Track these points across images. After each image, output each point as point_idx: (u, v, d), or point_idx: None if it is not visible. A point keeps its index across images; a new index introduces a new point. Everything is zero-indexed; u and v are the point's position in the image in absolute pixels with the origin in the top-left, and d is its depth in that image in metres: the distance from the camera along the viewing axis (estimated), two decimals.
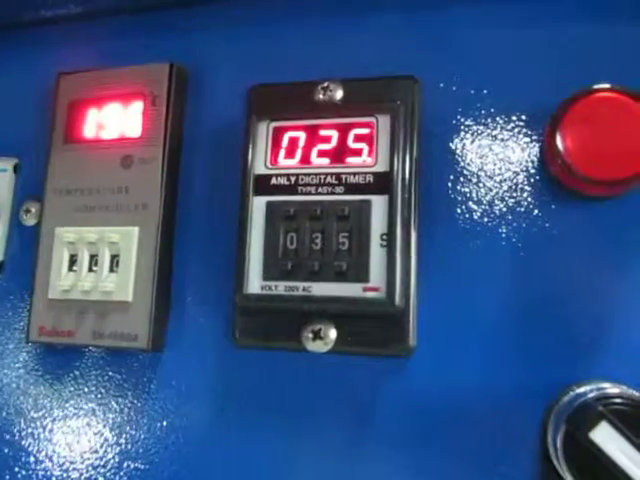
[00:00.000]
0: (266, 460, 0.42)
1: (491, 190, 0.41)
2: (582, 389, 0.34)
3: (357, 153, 0.41)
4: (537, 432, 0.37)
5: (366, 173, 0.40)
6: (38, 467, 0.47)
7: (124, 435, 0.45)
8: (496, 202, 0.40)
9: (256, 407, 0.43)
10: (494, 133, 0.41)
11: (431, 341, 0.40)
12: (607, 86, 0.37)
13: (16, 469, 0.47)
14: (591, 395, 0.33)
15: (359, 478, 0.40)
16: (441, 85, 0.43)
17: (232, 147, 0.45)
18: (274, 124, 0.43)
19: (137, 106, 0.47)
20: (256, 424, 0.42)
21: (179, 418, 0.44)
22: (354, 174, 0.41)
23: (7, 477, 0.47)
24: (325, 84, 0.42)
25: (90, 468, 0.45)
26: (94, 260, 0.46)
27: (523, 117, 0.41)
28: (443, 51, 0.43)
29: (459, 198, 0.41)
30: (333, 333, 0.39)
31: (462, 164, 0.42)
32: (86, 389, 0.46)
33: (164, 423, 0.44)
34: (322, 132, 0.42)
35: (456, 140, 0.42)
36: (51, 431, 0.47)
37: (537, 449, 0.37)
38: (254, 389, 0.43)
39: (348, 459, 0.41)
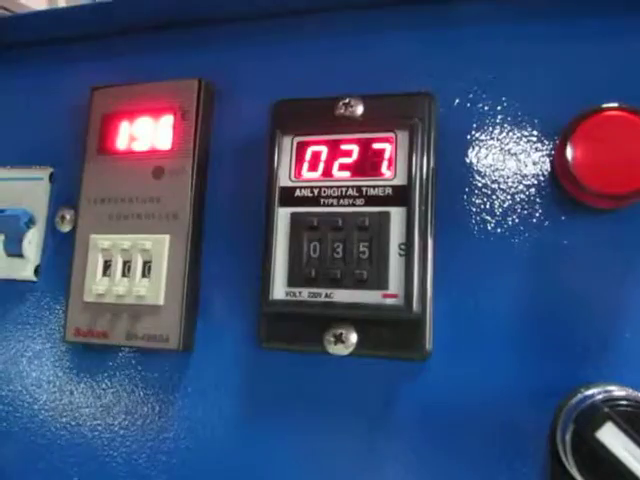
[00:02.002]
0: (288, 456, 0.44)
1: (504, 202, 0.43)
2: (590, 391, 0.36)
3: (377, 167, 0.43)
4: (547, 432, 0.39)
5: (385, 186, 0.42)
6: (73, 460, 0.49)
7: (155, 431, 0.48)
8: (509, 214, 0.43)
9: (280, 406, 0.45)
10: (507, 148, 0.44)
11: (446, 345, 0.42)
12: (615, 105, 0.39)
13: (53, 461, 0.50)
14: (598, 397, 0.35)
15: (376, 476, 0.42)
16: (457, 101, 0.45)
17: (257, 159, 0.47)
18: (298, 138, 0.45)
19: (167, 120, 0.49)
20: (280, 422, 0.45)
21: (207, 416, 0.47)
22: (374, 187, 0.43)
23: (42, 468, 0.50)
24: (346, 100, 0.44)
25: (123, 462, 0.48)
26: (127, 266, 0.48)
27: (535, 133, 0.43)
28: (459, 68, 0.45)
29: (474, 210, 0.43)
30: (354, 337, 0.42)
31: (476, 177, 0.44)
32: (119, 387, 0.49)
33: (193, 420, 0.47)
34: (343, 146, 0.44)
35: (471, 154, 0.44)
36: (85, 426, 0.49)
37: (547, 448, 0.39)
38: (278, 389, 0.45)
39: (366, 457, 0.43)
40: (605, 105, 0.39)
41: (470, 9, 0.46)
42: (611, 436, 0.33)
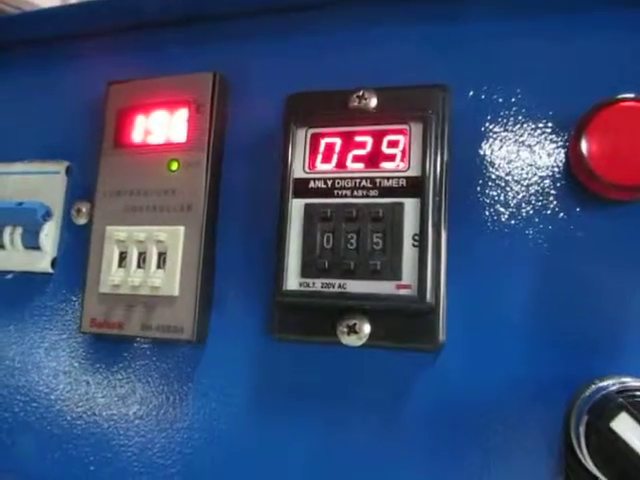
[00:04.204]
0: (302, 448, 0.44)
1: (518, 194, 0.43)
2: (604, 383, 0.36)
3: (391, 158, 0.43)
4: (560, 423, 0.39)
5: (399, 177, 0.43)
6: (89, 449, 0.50)
7: (170, 421, 0.48)
8: (523, 205, 0.42)
9: (293, 397, 0.45)
10: (521, 139, 0.43)
11: (459, 337, 0.42)
12: (631, 96, 0.39)
13: (69, 450, 0.50)
14: (612, 388, 0.35)
15: (389, 468, 0.43)
16: (470, 93, 0.45)
17: (271, 152, 0.48)
18: (312, 130, 0.45)
19: (182, 113, 0.50)
20: (292, 414, 0.45)
21: (220, 406, 0.47)
22: (388, 178, 0.43)
23: (58, 457, 0.50)
24: (360, 92, 0.44)
25: (138, 451, 0.48)
26: (142, 257, 0.49)
27: (550, 124, 0.43)
28: (472, 61, 0.45)
29: (487, 201, 0.43)
30: (367, 328, 0.42)
31: (490, 169, 0.44)
32: (134, 378, 0.50)
33: (206, 410, 0.47)
34: (357, 138, 0.44)
35: (485, 146, 0.44)
36: (101, 416, 0.50)
37: (560, 439, 0.39)
38: (291, 380, 0.45)
39: (380, 449, 0.43)
40: (620, 96, 0.39)
41: (485, 4, 0.46)
42: (626, 426, 0.33)
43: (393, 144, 0.43)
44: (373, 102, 0.44)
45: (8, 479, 0.52)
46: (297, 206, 0.44)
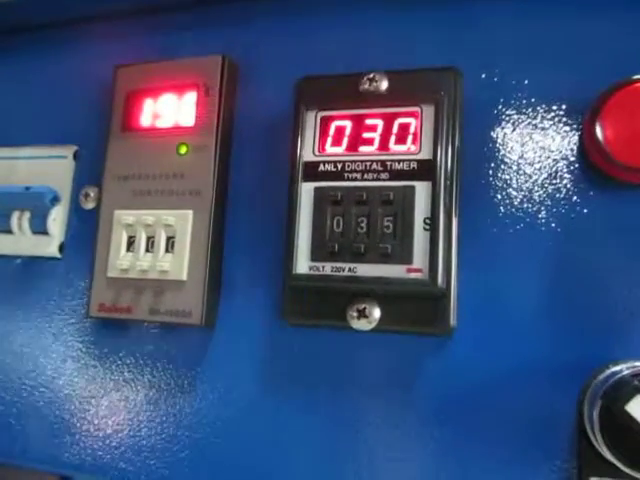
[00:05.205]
0: (311, 433, 0.44)
1: (531, 177, 0.42)
2: (618, 367, 0.36)
3: (402, 141, 0.43)
4: (573, 409, 0.38)
5: (410, 160, 0.42)
6: (97, 434, 0.50)
7: (178, 406, 0.48)
8: (536, 189, 0.42)
9: (302, 382, 0.45)
10: (534, 122, 0.43)
11: (470, 321, 0.42)
12: None
13: (76, 436, 0.50)
14: (627, 372, 0.35)
15: (400, 453, 0.42)
16: (483, 76, 0.44)
17: (280, 135, 0.47)
18: (322, 114, 0.45)
19: (191, 96, 0.49)
20: (302, 398, 0.45)
21: (229, 391, 0.47)
22: (399, 161, 0.42)
23: (66, 442, 0.50)
24: (371, 75, 0.44)
25: (146, 436, 0.48)
26: (151, 241, 0.48)
27: (563, 106, 0.42)
28: (485, 43, 0.45)
29: (500, 184, 0.43)
30: (377, 312, 0.41)
31: (503, 152, 0.43)
32: (142, 362, 0.49)
33: (215, 395, 0.47)
34: (368, 121, 0.44)
35: (497, 129, 0.43)
36: (109, 401, 0.50)
37: (573, 425, 0.38)
38: (300, 364, 0.45)
39: (390, 433, 0.42)
40: (635, 77, 0.39)
41: None
42: None
43: (404, 127, 0.43)
44: (384, 85, 0.44)
45: (17, 463, 0.52)
46: (307, 190, 0.44)
